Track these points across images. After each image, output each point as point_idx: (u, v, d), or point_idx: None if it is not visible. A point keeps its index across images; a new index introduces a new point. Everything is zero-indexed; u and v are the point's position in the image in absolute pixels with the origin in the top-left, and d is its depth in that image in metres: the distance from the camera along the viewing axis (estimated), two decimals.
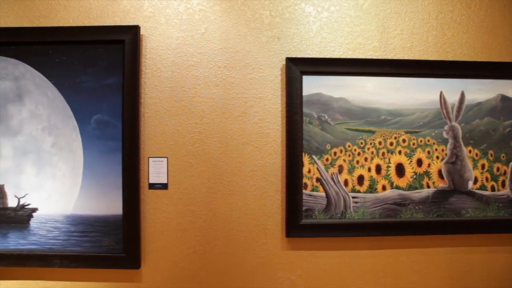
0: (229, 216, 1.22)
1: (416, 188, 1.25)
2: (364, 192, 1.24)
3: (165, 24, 1.22)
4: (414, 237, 1.25)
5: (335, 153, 1.23)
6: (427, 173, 1.25)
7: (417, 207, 1.25)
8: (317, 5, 1.24)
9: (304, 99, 1.22)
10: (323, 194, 1.23)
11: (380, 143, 1.24)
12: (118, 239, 1.20)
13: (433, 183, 1.25)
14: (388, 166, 1.25)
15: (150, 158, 1.21)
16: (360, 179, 1.24)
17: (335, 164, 1.23)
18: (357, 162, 1.24)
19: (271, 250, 1.23)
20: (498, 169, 1.27)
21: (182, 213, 1.21)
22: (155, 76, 1.21)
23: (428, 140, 1.25)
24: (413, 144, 1.25)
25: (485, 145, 1.26)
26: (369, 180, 1.24)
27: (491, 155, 1.26)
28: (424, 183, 1.25)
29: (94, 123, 1.21)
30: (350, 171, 1.23)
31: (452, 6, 1.26)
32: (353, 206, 1.24)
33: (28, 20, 1.22)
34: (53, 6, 1.22)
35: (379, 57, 1.25)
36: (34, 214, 1.22)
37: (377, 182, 1.24)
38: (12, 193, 1.22)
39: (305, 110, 1.22)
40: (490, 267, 1.27)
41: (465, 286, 1.27)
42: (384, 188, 1.24)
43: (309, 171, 1.22)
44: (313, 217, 1.22)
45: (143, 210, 1.21)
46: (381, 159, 1.24)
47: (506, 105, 1.27)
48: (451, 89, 1.25)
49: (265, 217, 1.22)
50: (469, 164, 1.26)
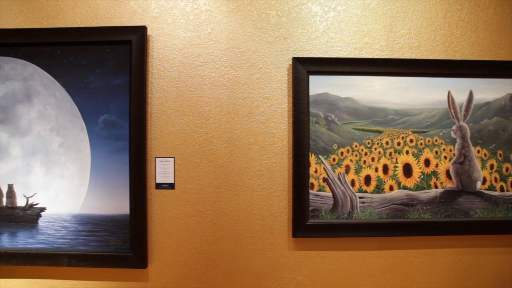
0: (236, 216, 1.22)
1: (424, 189, 1.24)
2: (371, 192, 1.23)
3: (172, 25, 1.22)
4: (422, 238, 1.24)
5: (342, 153, 1.23)
6: (435, 173, 1.24)
7: (425, 208, 1.24)
8: (324, 5, 1.24)
9: (311, 99, 1.22)
10: (330, 194, 1.22)
11: (387, 143, 1.24)
12: (125, 239, 1.21)
13: (441, 184, 1.24)
14: (396, 166, 1.24)
15: (157, 158, 1.22)
16: (367, 179, 1.23)
17: (342, 164, 1.23)
18: (364, 162, 1.23)
19: (278, 250, 1.22)
20: (507, 169, 1.25)
21: (189, 213, 1.22)
22: (162, 76, 1.22)
23: (436, 140, 1.24)
24: (421, 144, 1.24)
25: (494, 145, 1.25)
26: (376, 180, 1.23)
27: (500, 155, 1.25)
28: (432, 184, 1.24)
29: (102, 123, 1.22)
30: (357, 171, 1.23)
31: (460, 5, 1.25)
32: (360, 206, 1.23)
33: (37, 22, 1.23)
34: (61, 8, 1.23)
35: (386, 57, 1.24)
36: (43, 214, 1.23)
37: (384, 182, 1.23)
38: (21, 193, 1.23)
39: (312, 110, 1.22)
40: (499, 269, 1.26)
41: None
42: (392, 188, 1.24)
43: (316, 171, 1.22)
44: (320, 217, 1.22)
45: (150, 210, 1.21)
46: (388, 159, 1.24)
47: None
48: (459, 89, 1.24)
49: (272, 217, 1.22)
50: (478, 164, 1.24)
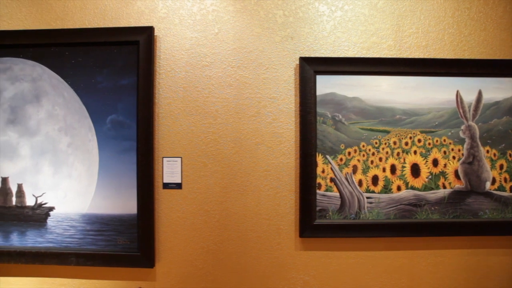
0: (243, 216, 1.22)
1: (432, 189, 1.23)
2: (379, 193, 1.22)
3: (179, 25, 1.23)
4: (430, 239, 1.23)
5: (349, 153, 1.22)
6: (443, 174, 1.23)
7: (433, 208, 1.23)
8: (331, 4, 1.23)
9: (318, 99, 1.21)
10: (337, 194, 1.22)
11: (395, 143, 1.23)
12: (133, 238, 1.21)
13: (449, 184, 1.23)
14: (403, 166, 1.23)
15: (164, 158, 1.22)
16: (375, 179, 1.23)
17: (349, 164, 1.22)
18: (372, 162, 1.22)
19: (285, 250, 1.22)
20: None
21: (196, 213, 1.22)
22: (169, 77, 1.22)
23: (444, 140, 1.23)
24: (429, 144, 1.23)
25: (504, 145, 1.23)
26: (384, 180, 1.23)
27: (510, 155, 1.24)
28: (440, 184, 1.23)
29: (110, 123, 1.22)
30: (365, 171, 1.22)
31: (469, 3, 1.24)
32: (368, 207, 1.22)
33: (46, 23, 1.24)
34: (69, 9, 1.24)
35: (394, 56, 1.23)
36: (51, 213, 1.24)
37: (392, 183, 1.23)
38: (30, 192, 1.25)
39: (319, 110, 1.21)
40: (509, 270, 1.24)
41: None
42: (399, 189, 1.23)
43: (323, 171, 1.21)
44: (327, 218, 1.22)
45: (158, 210, 1.22)
46: (396, 159, 1.23)
47: None
48: (468, 88, 1.23)
49: (279, 217, 1.22)
50: (487, 165, 1.23)
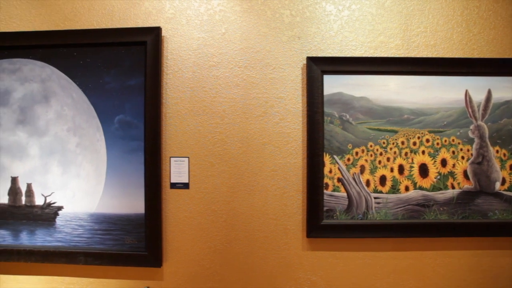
0: (250, 216, 1.22)
1: (440, 189, 1.22)
2: (387, 193, 1.22)
3: (186, 25, 1.23)
4: (439, 239, 1.22)
5: (357, 153, 1.22)
6: (452, 174, 1.22)
7: (442, 209, 1.22)
8: (338, 4, 1.23)
9: (325, 99, 1.21)
10: (345, 195, 1.21)
11: (403, 143, 1.22)
12: (140, 238, 1.22)
13: (458, 184, 1.22)
14: (411, 166, 1.22)
15: (172, 158, 1.22)
16: (382, 180, 1.22)
17: (357, 164, 1.21)
18: (379, 162, 1.22)
19: (292, 250, 1.22)
20: None
21: (203, 213, 1.22)
22: (177, 77, 1.23)
23: (453, 140, 1.22)
24: (437, 144, 1.22)
25: None
26: (392, 181, 1.22)
27: None
28: (449, 184, 1.22)
29: (117, 123, 1.23)
30: (372, 171, 1.22)
31: (479, 2, 1.22)
32: (375, 207, 1.22)
33: (54, 24, 1.25)
34: (78, 10, 1.25)
35: (402, 56, 1.23)
36: (60, 212, 1.25)
37: (400, 183, 1.22)
38: (39, 192, 1.26)
39: (326, 110, 1.21)
40: None
41: None
42: (407, 189, 1.22)
43: (330, 171, 1.21)
44: (334, 218, 1.21)
45: (165, 209, 1.22)
46: (404, 159, 1.22)
47: None
48: (477, 87, 1.22)
49: (286, 217, 1.22)
50: (497, 165, 1.22)
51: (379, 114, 1.22)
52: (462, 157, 1.22)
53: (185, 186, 1.22)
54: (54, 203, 1.25)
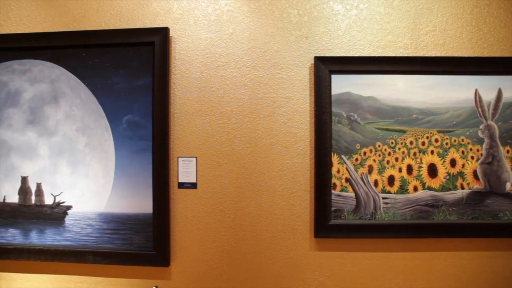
0: (258, 216, 1.22)
1: (450, 189, 1.21)
2: (395, 193, 1.21)
3: (194, 26, 1.23)
4: (448, 240, 1.21)
5: (365, 153, 1.21)
6: (461, 174, 1.21)
7: (451, 209, 1.21)
8: (346, 3, 1.22)
9: (333, 98, 1.20)
10: (353, 195, 1.21)
11: (412, 143, 1.21)
12: (148, 237, 1.23)
13: (468, 184, 1.21)
14: (420, 167, 1.21)
15: (180, 158, 1.23)
16: (391, 180, 1.21)
17: (365, 164, 1.21)
18: (388, 162, 1.21)
19: (300, 251, 1.22)
20: None
21: (211, 212, 1.22)
22: (184, 77, 1.23)
23: (462, 140, 1.21)
24: (446, 144, 1.21)
25: None
26: (400, 181, 1.21)
27: None
28: (458, 184, 1.21)
29: (126, 123, 1.24)
30: (380, 171, 1.21)
31: (489, 0, 1.21)
32: (383, 207, 1.21)
33: (63, 25, 1.26)
34: (86, 11, 1.26)
35: (410, 55, 1.22)
36: (69, 212, 1.26)
37: (408, 183, 1.21)
38: (49, 191, 1.27)
39: (334, 110, 1.20)
40: None
41: None
42: (416, 189, 1.21)
43: (338, 171, 1.20)
44: (342, 218, 1.21)
45: (173, 209, 1.23)
46: (413, 159, 1.21)
47: None
48: (487, 87, 1.20)
49: (294, 217, 1.22)
50: (507, 165, 1.20)
51: (388, 114, 1.21)
52: (472, 157, 1.21)
53: (193, 186, 1.23)
54: (63, 203, 1.27)
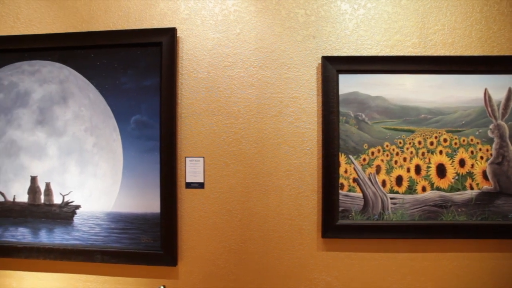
0: (265, 216, 1.22)
1: (458, 190, 1.20)
2: (403, 193, 1.20)
3: (201, 26, 1.24)
4: (457, 241, 1.20)
5: (373, 153, 1.20)
6: (470, 174, 1.20)
7: (460, 210, 1.20)
8: (353, 2, 1.22)
9: (341, 98, 1.20)
10: (360, 195, 1.20)
11: (420, 143, 1.20)
12: (156, 237, 1.23)
13: (477, 185, 1.20)
14: (428, 167, 1.20)
15: (187, 158, 1.23)
16: (399, 180, 1.20)
17: (373, 164, 1.20)
18: (396, 162, 1.20)
19: (307, 251, 1.21)
20: None
21: (218, 212, 1.23)
22: (192, 77, 1.24)
23: (472, 140, 1.20)
24: (455, 144, 1.20)
25: None
26: (408, 181, 1.20)
27: None
28: (467, 185, 1.20)
29: (133, 124, 1.25)
30: (388, 172, 1.20)
31: None
32: (391, 208, 1.20)
33: (72, 26, 1.28)
34: (94, 12, 1.27)
35: (419, 54, 1.21)
36: (77, 211, 1.27)
37: (417, 183, 1.20)
38: (58, 191, 1.28)
39: (342, 109, 1.20)
40: None
41: None
42: (424, 189, 1.20)
43: (346, 171, 1.20)
44: (350, 218, 1.20)
45: (180, 209, 1.23)
46: (421, 159, 1.20)
47: None
48: (497, 86, 1.19)
49: (301, 217, 1.21)
50: None
51: (396, 114, 1.20)
52: (481, 157, 1.20)
53: (200, 186, 1.23)
54: (72, 202, 1.28)
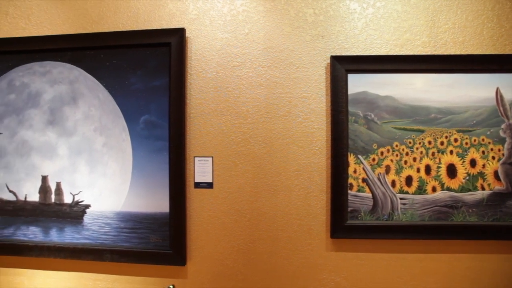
0: (274, 216, 1.22)
1: (470, 190, 1.19)
2: (413, 194, 1.19)
3: (210, 26, 1.24)
4: (468, 242, 1.18)
5: (382, 153, 1.19)
6: (482, 174, 1.18)
7: (471, 210, 1.18)
8: (362, 1, 1.21)
9: (350, 98, 1.19)
10: (369, 195, 1.19)
11: (430, 143, 1.19)
12: (165, 236, 1.24)
13: (489, 185, 1.18)
14: (439, 167, 1.19)
15: (196, 158, 1.24)
16: (409, 180, 1.19)
17: (382, 164, 1.19)
18: (405, 162, 1.19)
19: (316, 251, 1.21)
20: None
21: (227, 212, 1.23)
22: (200, 77, 1.24)
23: (483, 140, 1.18)
24: (466, 144, 1.18)
25: None
26: (418, 181, 1.19)
27: None
28: (478, 185, 1.18)
29: (143, 124, 1.25)
30: (398, 172, 1.19)
31: None
32: (401, 208, 1.19)
33: (82, 27, 1.29)
34: (104, 13, 1.28)
35: (429, 53, 1.20)
36: (87, 210, 1.29)
37: (427, 183, 1.19)
38: (68, 190, 1.30)
39: (351, 109, 1.19)
40: None
41: None
42: (434, 190, 1.19)
43: (355, 171, 1.19)
44: (359, 218, 1.19)
45: (189, 209, 1.24)
46: (431, 159, 1.19)
47: None
48: (509, 85, 1.17)
49: (310, 217, 1.21)
50: None
51: (405, 113, 1.19)
52: (493, 157, 1.18)
53: (209, 186, 1.23)
54: (82, 202, 1.29)
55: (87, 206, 1.29)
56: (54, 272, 1.31)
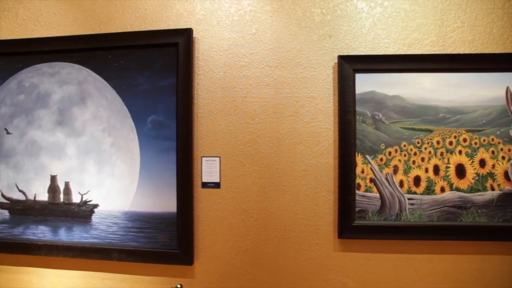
0: (281, 216, 1.22)
1: (479, 190, 1.17)
2: (421, 194, 1.18)
3: (217, 26, 1.24)
4: (477, 243, 1.17)
5: (390, 153, 1.19)
6: (491, 175, 1.17)
7: (480, 211, 1.17)
8: (370, 1, 1.20)
9: (357, 98, 1.19)
10: (377, 195, 1.19)
11: (439, 143, 1.18)
12: (172, 236, 1.24)
13: (498, 186, 1.17)
14: (447, 167, 1.18)
15: (203, 158, 1.24)
16: (417, 180, 1.18)
17: (390, 164, 1.19)
18: (413, 162, 1.18)
19: (323, 251, 1.21)
20: None
21: (234, 212, 1.23)
22: (208, 77, 1.24)
23: (493, 139, 1.17)
24: (475, 144, 1.17)
25: None
26: (427, 181, 1.18)
27: None
28: (488, 185, 1.17)
29: (150, 124, 1.26)
30: (406, 172, 1.19)
31: None
32: (409, 208, 1.19)
33: (90, 28, 1.30)
34: (112, 14, 1.29)
35: (437, 52, 1.19)
36: (96, 210, 1.30)
37: (435, 184, 1.18)
38: (76, 190, 1.31)
39: (358, 109, 1.19)
40: None
41: None
42: (443, 190, 1.18)
43: (363, 171, 1.19)
44: (367, 219, 1.19)
45: (196, 208, 1.24)
46: (440, 159, 1.18)
47: None
48: None
49: (317, 218, 1.21)
50: None
51: (413, 113, 1.18)
52: (503, 157, 1.17)
53: (216, 186, 1.24)
54: (90, 201, 1.30)
55: (95, 206, 1.30)
56: (63, 271, 1.32)
